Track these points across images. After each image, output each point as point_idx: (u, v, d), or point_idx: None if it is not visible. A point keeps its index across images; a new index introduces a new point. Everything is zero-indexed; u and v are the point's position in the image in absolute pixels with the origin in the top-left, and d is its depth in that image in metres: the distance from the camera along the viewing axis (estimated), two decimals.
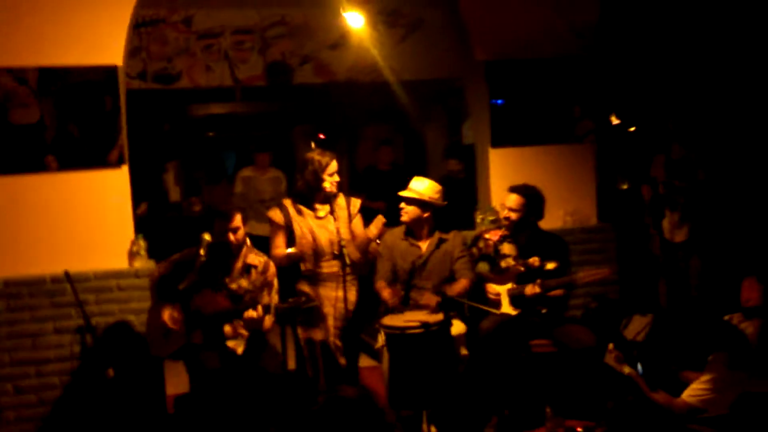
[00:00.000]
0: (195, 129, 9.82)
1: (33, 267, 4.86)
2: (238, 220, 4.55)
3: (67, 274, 4.74)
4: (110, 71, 5.01)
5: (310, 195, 4.75)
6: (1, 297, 4.80)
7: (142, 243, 5.04)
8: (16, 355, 4.82)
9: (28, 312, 4.85)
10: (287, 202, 4.82)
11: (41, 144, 4.91)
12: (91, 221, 4.98)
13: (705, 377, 4.04)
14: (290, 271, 4.80)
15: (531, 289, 4.71)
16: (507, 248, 4.92)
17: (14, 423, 4.80)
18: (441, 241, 4.96)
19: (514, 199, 4.90)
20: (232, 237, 4.51)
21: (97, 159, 5.01)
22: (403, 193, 4.93)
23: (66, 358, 4.86)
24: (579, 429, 4.36)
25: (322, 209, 4.77)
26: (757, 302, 4.53)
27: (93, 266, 4.94)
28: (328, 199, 4.76)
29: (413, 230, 4.97)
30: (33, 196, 4.90)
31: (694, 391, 4.03)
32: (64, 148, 4.95)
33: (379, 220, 4.74)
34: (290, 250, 4.67)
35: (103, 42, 4.98)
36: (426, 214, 4.92)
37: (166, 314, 4.42)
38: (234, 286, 4.51)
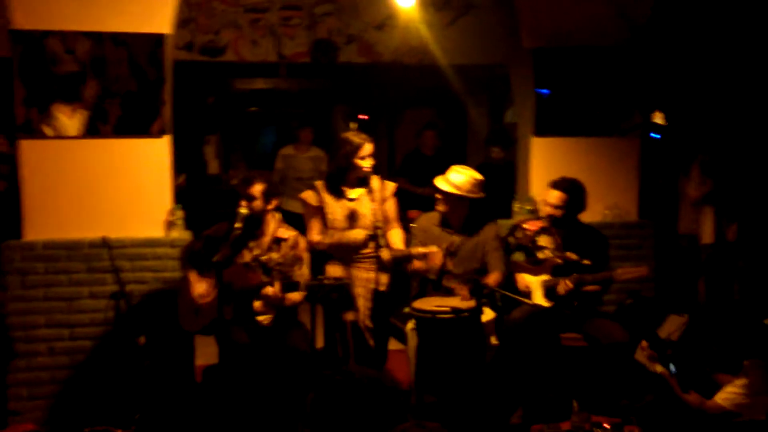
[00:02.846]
0: (238, 103, 9.86)
1: (72, 231, 4.92)
2: (257, 189, 4.51)
3: (105, 239, 4.79)
4: (158, 40, 5.02)
5: (343, 177, 4.72)
6: (40, 259, 4.87)
7: (179, 213, 5.07)
8: (52, 318, 4.90)
9: (65, 275, 4.92)
10: (319, 184, 4.80)
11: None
12: (130, 189, 5.01)
13: (740, 381, 3.96)
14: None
15: (564, 286, 4.64)
16: (545, 240, 4.85)
17: (48, 383, 4.89)
18: (474, 230, 4.92)
19: (556, 196, 4.80)
20: (244, 203, 4.48)
21: (140, 128, 5.03)
22: (440, 185, 4.87)
23: (99, 322, 4.92)
24: (606, 425, 4.31)
25: (355, 191, 4.74)
26: None
27: (130, 233, 4.97)
28: (362, 181, 4.73)
29: (448, 219, 4.94)
30: (76, 161, 4.95)
31: (729, 394, 3.95)
32: (108, 116, 4.99)
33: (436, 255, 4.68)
34: (324, 239, 4.66)
35: (152, 10, 4.98)
36: (463, 204, 4.88)
37: (196, 291, 4.45)
38: (265, 258, 4.51)
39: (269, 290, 4.46)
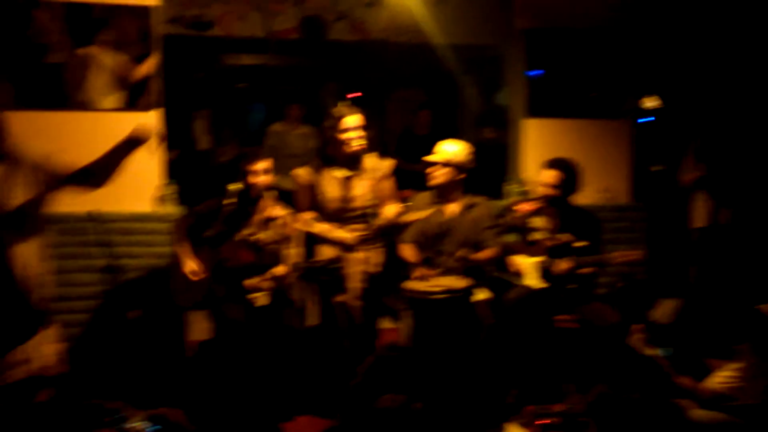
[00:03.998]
0: (227, 79, 9.73)
1: (62, 205, 4.82)
2: (263, 164, 4.49)
3: (95, 213, 4.72)
4: (144, 11, 4.93)
5: (333, 154, 4.67)
6: None
7: (172, 188, 5.01)
8: None
9: (55, 249, 4.83)
10: (313, 162, 4.75)
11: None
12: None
13: (734, 365, 3.98)
14: None
15: (561, 265, 4.64)
16: (538, 221, 4.83)
17: None
18: (469, 206, 4.89)
19: (552, 175, 4.77)
20: (253, 179, 4.45)
21: (129, 101, 4.96)
22: (434, 158, 4.84)
23: (89, 296, 4.87)
24: None
25: (349, 171, 4.69)
26: None
27: (121, 208, 4.92)
28: (354, 160, 4.68)
29: (443, 194, 4.90)
30: (64, 134, 4.86)
31: (723, 378, 3.97)
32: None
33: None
34: (316, 225, 4.61)
35: None
36: (458, 177, 4.84)
37: (188, 267, 4.40)
38: (255, 238, 4.47)
39: (279, 270, 4.41)
